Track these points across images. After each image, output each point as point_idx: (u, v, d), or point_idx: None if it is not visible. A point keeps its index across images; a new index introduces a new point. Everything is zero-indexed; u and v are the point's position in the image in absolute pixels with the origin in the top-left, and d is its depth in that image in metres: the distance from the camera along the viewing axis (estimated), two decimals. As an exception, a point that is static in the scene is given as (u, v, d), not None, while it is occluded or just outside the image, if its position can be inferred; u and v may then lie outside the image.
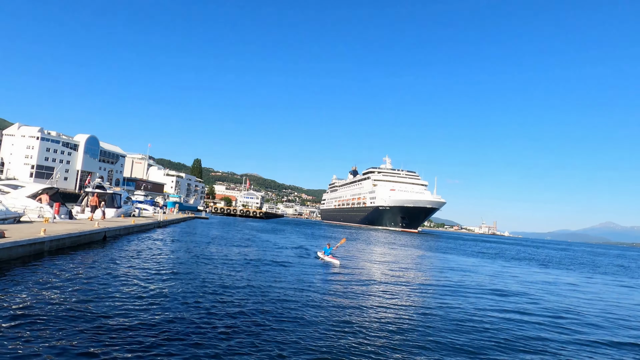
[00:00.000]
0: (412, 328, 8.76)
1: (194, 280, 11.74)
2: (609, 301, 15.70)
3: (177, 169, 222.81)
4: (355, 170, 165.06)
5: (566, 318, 11.45)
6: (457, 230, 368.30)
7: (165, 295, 9.52)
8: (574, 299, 15.39)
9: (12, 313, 7.01)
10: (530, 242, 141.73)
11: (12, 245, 11.56)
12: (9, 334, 6.09)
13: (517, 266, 29.20)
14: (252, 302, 9.73)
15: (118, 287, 9.81)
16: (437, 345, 7.72)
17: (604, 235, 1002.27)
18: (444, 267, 23.21)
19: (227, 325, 7.65)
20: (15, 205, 18.80)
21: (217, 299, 9.75)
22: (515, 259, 37.14)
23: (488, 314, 10.91)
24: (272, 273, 14.66)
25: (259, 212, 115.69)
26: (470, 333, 8.77)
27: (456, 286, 15.69)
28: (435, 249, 42.57)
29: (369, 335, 7.95)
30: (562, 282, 20.89)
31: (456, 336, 8.41)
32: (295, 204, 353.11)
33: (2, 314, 6.91)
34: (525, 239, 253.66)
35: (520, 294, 15.19)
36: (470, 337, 8.47)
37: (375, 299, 11.69)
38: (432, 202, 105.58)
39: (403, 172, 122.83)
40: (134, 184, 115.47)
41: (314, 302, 10.42)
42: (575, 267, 33.17)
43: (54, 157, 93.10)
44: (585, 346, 8.71)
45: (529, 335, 9.07)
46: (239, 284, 11.84)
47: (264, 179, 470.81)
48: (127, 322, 7.22)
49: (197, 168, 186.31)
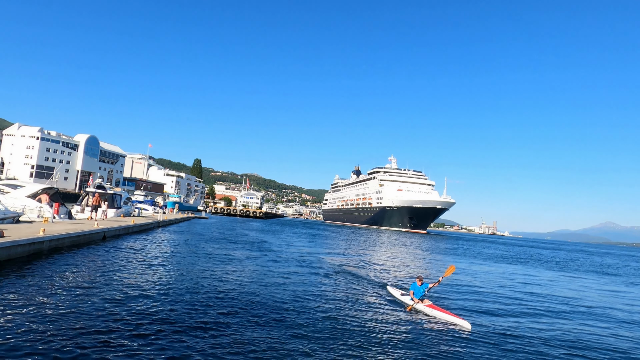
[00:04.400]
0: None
1: (192, 281, 11.72)
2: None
3: (177, 169, 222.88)
4: (358, 170, 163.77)
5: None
6: (457, 230, 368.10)
7: (164, 296, 9.50)
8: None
9: (11, 313, 6.99)
10: (547, 243, 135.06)
11: (11, 244, 11.53)
12: (9, 333, 6.06)
13: (588, 277, 25.27)
14: (250, 303, 9.72)
15: (117, 287, 9.78)
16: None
17: (604, 235, 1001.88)
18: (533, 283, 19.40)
19: (226, 326, 7.64)
20: (15, 205, 18.78)
21: (216, 298, 9.73)
22: (569, 267, 32.74)
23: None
24: (270, 275, 14.63)
25: (259, 212, 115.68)
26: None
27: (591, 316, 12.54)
28: (474, 254, 37.96)
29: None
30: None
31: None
32: (295, 204, 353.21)
33: (2, 314, 6.89)
34: (525, 239, 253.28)
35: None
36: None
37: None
38: (442, 202, 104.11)
39: (410, 172, 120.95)
40: (134, 184, 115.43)
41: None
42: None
43: (54, 157, 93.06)
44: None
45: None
46: (238, 284, 11.82)
47: (264, 179, 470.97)
48: (126, 322, 7.20)
49: (197, 168, 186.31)
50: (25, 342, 5.80)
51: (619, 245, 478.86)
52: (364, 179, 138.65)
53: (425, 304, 10.58)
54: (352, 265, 19.61)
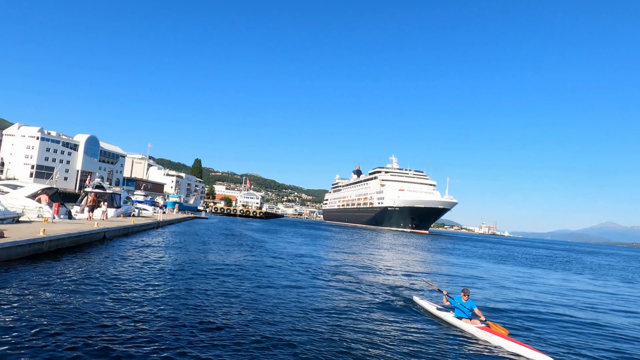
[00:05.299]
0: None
1: (192, 281, 11.72)
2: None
3: (177, 169, 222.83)
4: (359, 170, 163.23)
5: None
6: (457, 230, 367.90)
7: (163, 296, 9.50)
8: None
9: (10, 313, 6.99)
10: (553, 244, 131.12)
11: (11, 245, 11.53)
12: (9, 333, 6.07)
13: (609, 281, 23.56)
14: (250, 304, 9.72)
15: (116, 287, 9.79)
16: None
17: (604, 235, 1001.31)
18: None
19: (225, 326, 7.64)
20: (15, 205, 18.77)
21: (216, 298, 9.73)
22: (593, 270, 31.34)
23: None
24: (270, 277, 14.62)
25: (259, 212, 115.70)
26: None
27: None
28: (484, 256, 36.63)
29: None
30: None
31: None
32: (295, 204, 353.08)
33: (1, 314, 6.89)
34: (525, 239, 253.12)
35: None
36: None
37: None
38: (444, 202, 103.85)
39: (411, 172, 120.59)
40: (134, 184, 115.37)
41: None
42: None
43: (54, 157, 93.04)
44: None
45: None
46: (238, 284, 11.82)
47: (264, 179, 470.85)
48: (125, 321, 7.21)
49: (197, 168, 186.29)
50: (25, 342, 5.80)
51: (619, 245, 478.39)
52: (365, 179, 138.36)
53: (477, 326, 8.36)
54: (364, 268, 18.22)
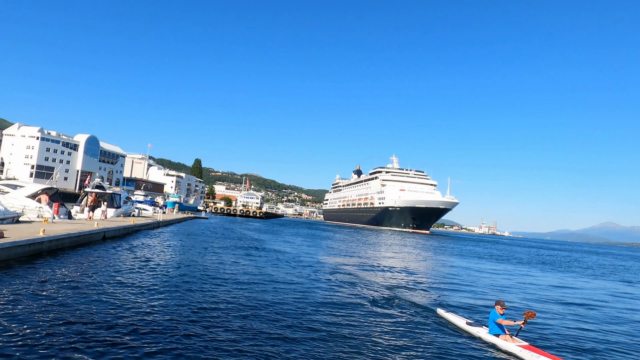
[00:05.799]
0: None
1: (191, 281, 11.73)
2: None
3: (177, 169, 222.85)
4: (359, 170, 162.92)
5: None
6: (458, 230, 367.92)
7: (163, 296, 9.51)
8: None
9: (10, 313, 6.99)
10: (565, 245, 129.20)
11: (11, 245, 11.54)
12: (9, 333, 6.07)
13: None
14: (247, 304, 9.72)
15: (116, 288, 9.79)
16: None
17: (604, 235, 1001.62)
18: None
19: (225, 326, 7.65)
20: (15, 205, 18.78)
21: (216, 299, 9.74)
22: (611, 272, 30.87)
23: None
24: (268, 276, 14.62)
25: (259, 212, 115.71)
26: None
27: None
28: (494, 257, 36.08)
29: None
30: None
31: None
32: (295, 204, 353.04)
33: (2, 314, 6.90)
34: (526, 239, 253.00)
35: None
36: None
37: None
38: (445, 202, 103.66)
39: (412, 172, 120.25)
40: (134, 184, 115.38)
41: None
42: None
43: (54, 157, 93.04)
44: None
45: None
46: (237, 285, 11.83)
47: (264, 179, 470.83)
48: (125, 321, 7.21)
49: (197, 168, 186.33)
50: (25, 342, 5.81)
51: (619, 245, 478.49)
52: (365, 179, 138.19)
53: (518, 344, 7.52)
54: (373, 272, 17.18)
